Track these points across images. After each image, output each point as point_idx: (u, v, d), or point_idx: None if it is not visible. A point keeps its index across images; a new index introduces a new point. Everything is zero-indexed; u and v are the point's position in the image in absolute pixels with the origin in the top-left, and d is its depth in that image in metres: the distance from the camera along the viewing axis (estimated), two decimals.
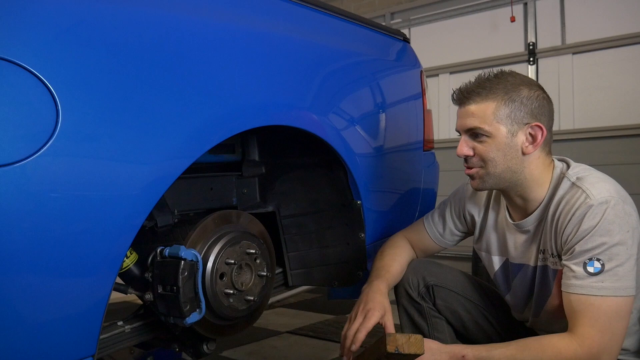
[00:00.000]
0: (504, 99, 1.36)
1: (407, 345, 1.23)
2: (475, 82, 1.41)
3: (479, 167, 1.40)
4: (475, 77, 1.43)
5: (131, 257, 1.38)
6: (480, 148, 1.38)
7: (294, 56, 1.54)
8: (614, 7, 4.13)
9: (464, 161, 1.43)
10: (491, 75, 1.41)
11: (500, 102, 1.36)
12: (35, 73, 0.92)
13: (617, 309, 1.25)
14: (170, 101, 1.15)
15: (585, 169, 1.40)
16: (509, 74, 1.41)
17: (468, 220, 1.64)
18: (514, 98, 1.36)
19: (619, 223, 1.27)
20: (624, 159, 3.90)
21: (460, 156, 1.42)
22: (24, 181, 0.90)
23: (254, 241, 1.51)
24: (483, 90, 1.37)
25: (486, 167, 1.39)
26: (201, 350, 1.50)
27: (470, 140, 1.40)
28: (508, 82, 1.38)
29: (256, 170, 1.76)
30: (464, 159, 1.42)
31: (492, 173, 1.39)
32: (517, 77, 1.40)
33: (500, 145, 1.36)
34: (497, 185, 1.42)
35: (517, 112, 1.36)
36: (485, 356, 1.29)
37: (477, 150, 1.39)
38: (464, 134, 1.41)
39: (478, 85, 1.39)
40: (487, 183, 1.41)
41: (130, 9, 1.12)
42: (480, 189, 1.45)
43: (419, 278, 1.61)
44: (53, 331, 0.98)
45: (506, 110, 1.36)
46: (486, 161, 1.38)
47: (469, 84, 1.41)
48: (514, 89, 1.37)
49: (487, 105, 1.36)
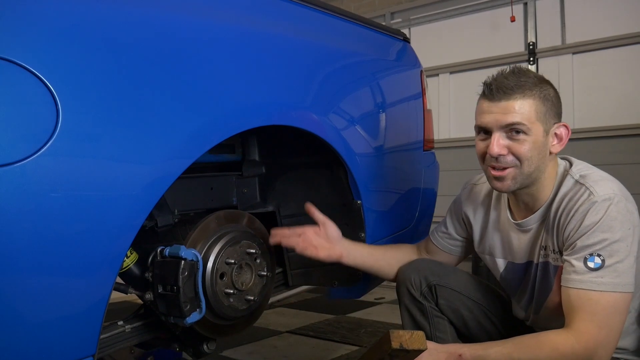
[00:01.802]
0: (540, 97, 1.34)
1: (411, 341, 1.24)
2: (511, 78, 1.35)
3: (513, 167, 1.35)
4: (502, 72, 1.37)
5: (131, 256, 1.38)
6: (516, 147, 1.34)
7: (294, 56, 1.54)
8: (614, 7, 4.13)
9: (492, 160, 1.35)
10: (517, 71, 1.36)
11: (539, 100, 1.34)
12: (35, 73, 0.92)
13: (615, 305, 1.26)
14: (171, 101, 1.15)
15: (588, 166, 1.41)
16: (528, 70, 1.40)
17: (466, 222, 1.64)
18: (547, 97, 1.35)
19: (621, 220, 1.28)
20: (624, 158, 3.90)
21: (494, 155, 1.34)
22: (24, 181, 0.90)
23: (254, 241, 1.51)
24: (522, 87, 1.33)
25: (522, 167, 1.35)
26: (201, 350, 1.50)
27: (505, 138, 1.35)
28: (537, 79, 1.36)
29: (256, 170, 1.76)
30: (494, 159, 1.35)
31: (526, 173, 1.36)
32: (537, 75, 1.40)
33: (537, 144, 1.34)
34: (522, 185, 1.39)
35: (549, 112, 1.35)
36: (482, 354, 1.30)
37: (514, 149, 1.34)
38: (498, 130, 1.34)
39: (516, 81, 1.34)
40: (518, 183, 1.37)
41: (131, 9, 1.12)
42: (509, 190, 1.39)
43: (422, 277, 1.61)
44: (53, 331, 0.98)
45: (543, 109, 1.34)
46: (523, 160, 1.34)
47: (501, 77, 1.35)
48: (544, 87, 1.36)
49: (529, 102, 1.33)
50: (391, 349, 1.23)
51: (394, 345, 1.23)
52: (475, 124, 1.41)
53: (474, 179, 1.69)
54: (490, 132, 1.37)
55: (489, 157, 1.37)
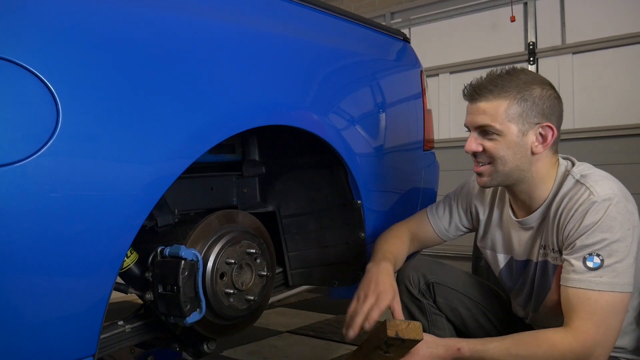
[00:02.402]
0: (516, 97, 1.34)
1: (407, 330, 1.24)
2: (487, 79, 1.39)
3: (488, 164, 1.40)
4: (487, 73, 1.40)
5: (131, 256, 1.38)
6: (489, 145, 1.37)
7: (294, 56, 1.54)
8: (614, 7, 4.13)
9: (473, 157, 1.43)
10: (503, 72, 1.39)
11: (512, 101, 1.34)
12: (35, 73, 0.92)
13: (613, 304, 1.26)
14: (171, 101, 1.15)
15: (589, 167, 1.42)
16: (521, 71, 1.39)
17: (474, 216, 1.64)
18: (527, 97, 1.35)
19: (621, 220, 1.28)
20: (624, 158, 3.89)
21: (469, 152, 1.41)
22: (24, 181, 0.90)
23: (254, 241, 1.51)
24: (495, 88, 1.35)
25: (495, 165, 1.39)
26: (201, 349, 1.50)
27: (480, 137, 1.39)
28: (520, 80, 1.36)
29: (256, 170, 1.76)
30: (473, 155, 1.42)
31: (500, 171, 1.39)
32: (529, 75, 1.39)
33: (510, 143, 1.36)
34: (504, 183, 1.43)
35: (528, 112, 1.35)
36: (480, 349, 1.30)
37: (487, 148, 1.38)
38: (473, 130, 1.40)
39: (490, 82, 1.37)
40: (495, 180, 1.42)
41: (131, 9, 1.12)
42: (488, 186, 1.45)
43: (420, 275, 1.61)
44: (53, 331, 0.98)
45: (518, 110, 1.34)
46: (495, 159, 1.38)
47: (480, 79, 1.40)
48: (527, 87, 1.36)
49: (499, 103, 1.35)
50: (387, 337, 1.23)
51: (389, 334, 1.23)
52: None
53: None
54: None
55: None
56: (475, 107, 1.38)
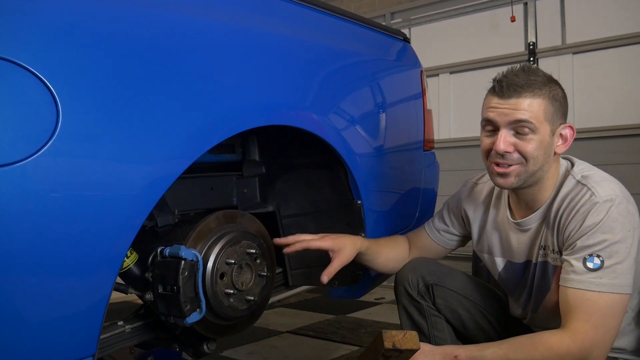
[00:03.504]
0: (549, 97, 1.34)
1: (404, 341, 1.24)
2: (522, 75, 1.34)
3: (518, 164, 1.35)
4: (512, 70, 1.37)
5: (131, 257, 1.38)
6: (523, 145, 1.33)
7: (294, 56, 1.54)
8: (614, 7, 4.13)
9: (497, 157, 1.35)
10: (526, 68, 1.36)
11: (547, 100, 1.34)
12: (35, 73, 0.92)
13: (612, 306, 1.26)
14: (171, 101, 1.15)
15: (590, 167, 1.42)
16: (539, 70, 1.39)
17: (465, 220, 1.64)
18: (556, 97, 1.35)
19: (622, 221, 1.28)
20: (624, 158, 3.89)
21: (500, 152, 1.34)
22: (24, 181, 0.90)
23: (254, 241, 1.51)
24: (533, 85, 1.33)
25: (527, 165, 1.35)
26: (201, 350, 1.50)
27: (511, 135, 1.35)
28: (545, 78, 1.36)
29: (256, 170, 1.76)
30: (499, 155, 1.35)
31: (530, 171, 1.36)
32: (546, 74, 1.39)
33: (543, 143, 1.34)
34: (526, 184, 1.39)
35: (557, 112, 1.35)
36: (477, 355, 1.30)
37: (520, 147, 1.34)
38: (505, 127, 1.34)
39: (528, 79, 1.33)
40: (521, 181, 1.37)
41: (131, 9, 1.12)
42: (511, 187, 1.40)
43: (419, 277, 1.61)
44: (53, 331, 0.98)
45: (552, 109, 1.34)
46: (528, 158, 1.34)
47: (514, 75, 1.35)
48: (552, 87, 1.35)
49: (539, 101, 1.33)
50: (384, 349, 1.24)
51: (386, 345, 1.23)
52: (483, 118, 1.40)
53: (475, 177, 1.69)
54: (496, 129, 1.36)
55: (494, 153, 1.36)
56: (514, 103, 1.32)
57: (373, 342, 1.32)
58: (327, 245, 1.56)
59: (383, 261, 1.69)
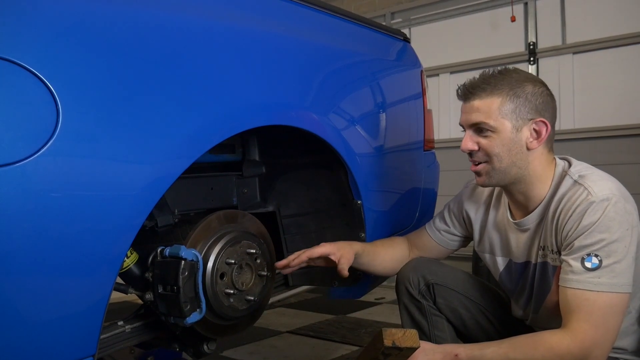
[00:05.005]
0: (508, 94, 1.37)
1: (403, 339, 1.25)
2: (480, 78, 1.42)
3: (485, 163, 1.41)
4: (480, 74, 1.44)
5: (131, 257, 1.38)
6: (484, 143, 1.39)
7: (294, 56, 1.54)
8: (614, 7, 4.13)
9: (469, 156, 1.44)
10: (495, 72, 1.42)
11: (505, 98, 1.37)
12: (35, 73, 0.92)
13: (612, 305, 1.26)
14: (171, 101, 1.15)
15: (587, 167, 1.42)
16: (513, 70, 1.42)
17: (466, 221, 1.65)
18: (519, 94, 1.37)
19: (619, 220, 1.28)
20: (624, 158, 3.90)
21: (465, 151, 1.43)
22: (24, 181, 0.90)
23: (254, 241, 1.51)
24: (488, 86, 1.39)
25: (491, 162, 1.40)
26: (201, 350, 1.50)
27: (475, 135, 1.41)
28: (513, 79, 1.39)
29: (256, 170, 1.76)
30: (469, 154, 1.43)
31: (497, 168, 1.40)
32: (522, 74, 1.42)
33: (505, 140, 1.37)
34: (502, 182, 1.43)
35: (522, 108, 1.37)
36: (477, 354, 1.30)
37: (482, 145, 1.40)
38: (468, 129, 1.42)
39: (483, 81, 1.40)
40: (493, 179, 1.42)
41: (131, 9, 1.12)
42: (486, 185, 1.47)
43: (420, 276, 1.61)
44: (53, 331, 0.98)
45: (511, 106, 1.37)
46: (491, 156, 1.39)
47: (473, 79, 1.43)
48: (519, 85, 1.38)
49: (492, 100, 1.37)
50: (384, 347, 1.24)
51: (386, 343, 1.23)
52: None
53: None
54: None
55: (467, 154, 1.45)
56: (469, 106, 1.41)
57: (373, 340, 1.32)
58: (327, 249, 1.57)
59: (381, 262, 1.69)
